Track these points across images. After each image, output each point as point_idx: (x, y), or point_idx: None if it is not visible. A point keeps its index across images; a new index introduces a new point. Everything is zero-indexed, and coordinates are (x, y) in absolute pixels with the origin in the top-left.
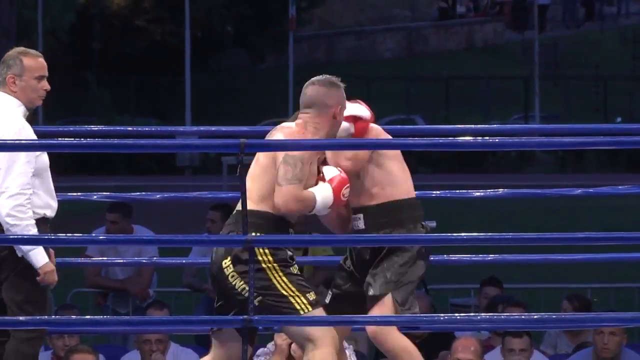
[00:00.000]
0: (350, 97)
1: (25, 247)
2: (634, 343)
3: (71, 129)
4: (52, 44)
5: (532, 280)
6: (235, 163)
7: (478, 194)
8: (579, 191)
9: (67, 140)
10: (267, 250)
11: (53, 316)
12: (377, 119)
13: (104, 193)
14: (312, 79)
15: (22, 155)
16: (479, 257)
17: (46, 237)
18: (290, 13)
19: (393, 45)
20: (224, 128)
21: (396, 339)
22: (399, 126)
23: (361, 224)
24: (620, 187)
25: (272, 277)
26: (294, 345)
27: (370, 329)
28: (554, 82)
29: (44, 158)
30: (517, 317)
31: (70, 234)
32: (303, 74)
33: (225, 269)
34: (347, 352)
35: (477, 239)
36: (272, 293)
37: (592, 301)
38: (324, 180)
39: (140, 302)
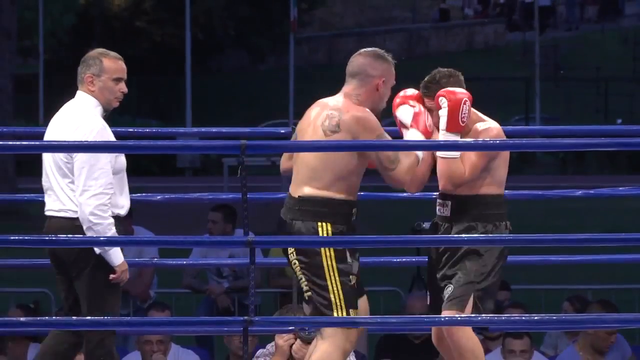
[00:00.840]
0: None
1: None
2: (634, 345)
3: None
4: (53, 45)
5: (532, 281)
6: (236, 164)
7: None
8: (579, 192)
9: (68, 141)
10: (331, 253)
11: (54, 317)
12: None
13: None
14: (360, 50)
15: (103, 155)
16: None
17: (47, 238)
18: (292, 15)
19: (393, 46)
20: (224, 129)
21: (468, 338)
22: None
23: (447, 212)
24: (620, 188)
25: (328, 278)
26: (294, 346)
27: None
28: (554, 84)
29: (122, 159)
30: (517, 317)
31: (70, 235)
32: (303, 75)
33: (290, 255)
34: None
35: (478, 240)
36: (322, 294)
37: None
38: (406, 127)
39: (141, 303)
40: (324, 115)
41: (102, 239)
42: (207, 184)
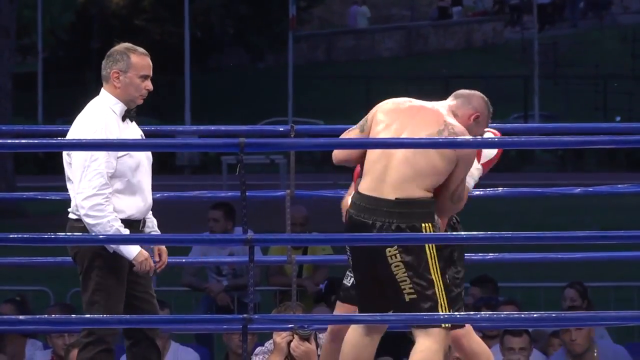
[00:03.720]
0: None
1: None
2: (633, 342)
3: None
4: (52, 43)
5: (531, 279)
6: (235, 162)
7: (477, 192)
8: (578, 190)
9: (66, 139)
10: (434, 251)
11: (53, 315)
12: None
13: None
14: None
15: (97, 155)
16: (479, 256)
17: (46, 236)
18: (290, 13)
19: (392, 44)
20: (223, 127)
21: (472, 342)
22: None
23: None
24: (619, 186)
25: (434, 275)
26: (293, 343)
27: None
28: (553, 81)
29: (126, 159)
30: (517, 315)
31: (70, 233)
32: (302, 73)
33: (389, 257)
34: None
35: (477, 237)
36: (428, 294)
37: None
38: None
39: None
40: (443, 127)
41: (100, 237)
42: (206, 182)
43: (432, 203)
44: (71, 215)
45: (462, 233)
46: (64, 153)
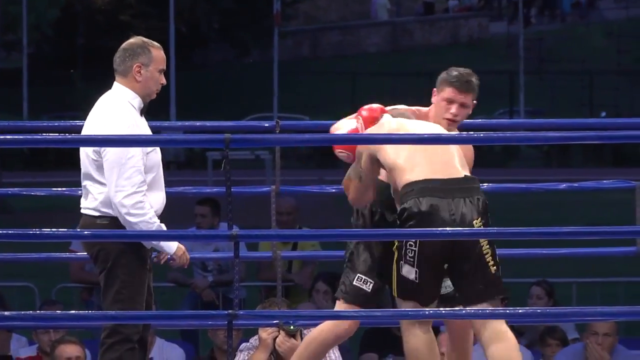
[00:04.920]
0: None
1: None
2: (620, 337)
3: (57, 124)
4: (37, 39)
5: (516, 275)
6: (220, 158)
7: None
8: (563, 186)
9: (53, 135)
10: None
11: (38, 311)
12: None
13: None
14: None
15: (133, 152)
16: None
17: (31, 232)
18: (275, 8)
19: (378, 40)
20: (208, 123)
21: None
22: None
23: None
24: (605, 181)
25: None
26: (278, 339)
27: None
28: (539, 77)
29: (153, 155)
30: (502, 311)
31: (55, 229)
32: (288, 69)
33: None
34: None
35: (462, 233)
36: (498, 274)
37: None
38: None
39: None
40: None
41: (85, 233)
42: (192, 178)
43: None
44: (91, 212)
45: (447, 229)
46: (85, 150)
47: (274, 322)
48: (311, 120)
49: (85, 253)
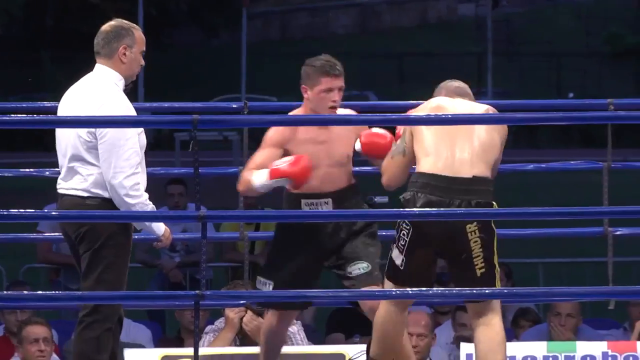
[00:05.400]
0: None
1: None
2: (585, 318)
3: (25, 105)
4: (6, 20)
5: None
6: (188, 139)
7: None
8: (531, 166)
9: (21, 116)
10: (495, 233)
11: (4, 292)
12: None
13: (57, 169)
14: None
15: (130, 133)
16: None
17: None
18: None
19: (347, 21)
20: (176, 104)
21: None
22: (353, 102)
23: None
24: (572, 162)
25: (495, 256)
26: (245, 318)
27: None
28: (507, 59)
29: (142, 137)
30: (469, 292)
31: (22, 210)
32: (257, 50)
33: (470, 234)
34: (294, 327)
35: (430, 214)
36: (493, 272)
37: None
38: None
39: None
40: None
41: (45, 213)
42: (159, 159)
43: (493, 182)
44: (79, 193)
45: (415, 210)
46: (77, 131)
47: (241, 302)
48: (279, 101)
49: (58, 233)
